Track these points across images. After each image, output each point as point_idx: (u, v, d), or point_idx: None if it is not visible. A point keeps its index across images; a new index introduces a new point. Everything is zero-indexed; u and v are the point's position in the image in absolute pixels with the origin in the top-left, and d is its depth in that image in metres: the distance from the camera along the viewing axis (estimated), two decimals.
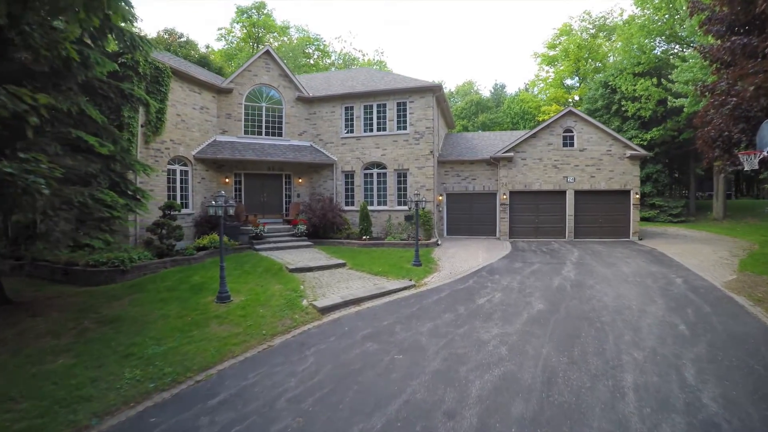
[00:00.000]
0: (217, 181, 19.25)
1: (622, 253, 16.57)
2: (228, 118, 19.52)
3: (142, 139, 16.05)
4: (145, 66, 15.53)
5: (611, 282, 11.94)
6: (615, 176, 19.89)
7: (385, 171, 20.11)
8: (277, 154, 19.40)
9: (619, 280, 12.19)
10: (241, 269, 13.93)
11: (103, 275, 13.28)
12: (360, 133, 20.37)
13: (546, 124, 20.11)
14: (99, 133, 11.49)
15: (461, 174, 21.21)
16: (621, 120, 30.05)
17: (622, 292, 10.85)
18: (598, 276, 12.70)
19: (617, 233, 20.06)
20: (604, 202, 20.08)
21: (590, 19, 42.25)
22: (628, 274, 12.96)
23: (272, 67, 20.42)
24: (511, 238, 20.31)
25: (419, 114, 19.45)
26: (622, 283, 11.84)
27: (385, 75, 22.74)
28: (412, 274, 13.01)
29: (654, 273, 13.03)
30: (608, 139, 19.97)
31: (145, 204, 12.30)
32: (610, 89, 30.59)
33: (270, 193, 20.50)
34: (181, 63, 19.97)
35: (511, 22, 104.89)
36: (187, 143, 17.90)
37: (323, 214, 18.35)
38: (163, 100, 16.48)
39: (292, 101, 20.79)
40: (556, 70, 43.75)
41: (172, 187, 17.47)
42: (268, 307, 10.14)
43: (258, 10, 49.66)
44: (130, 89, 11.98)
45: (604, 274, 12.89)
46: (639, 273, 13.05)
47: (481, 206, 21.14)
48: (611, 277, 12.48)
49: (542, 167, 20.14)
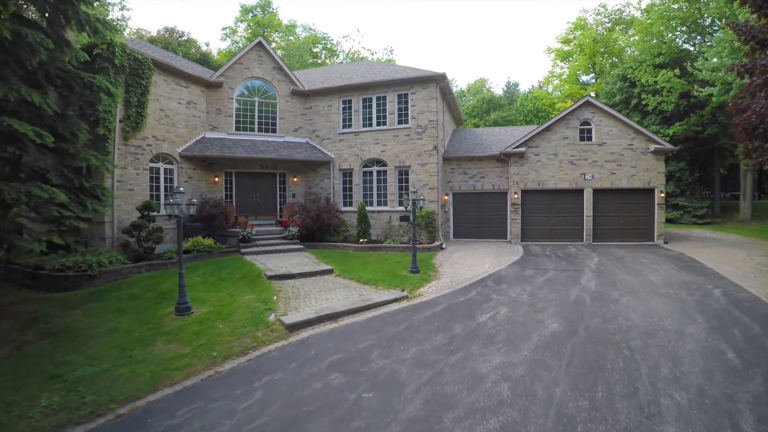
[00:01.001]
0: (206, 180, 17.79)
1: (647, 258, 14.53)
2: (218, 114, 18.06)
3: (121, 135, 14.69)
4: (123, 57, 14.17)
5: (639, 294, 10.00)
6: (638, 173, 17.78)
7: (385, 168, 18.38)
8: (270, 152, 17.85)
9: (647, 291, 10.25)
10: (218, 275, 12.38)
11: (69, 281, 12.02)
12: (358, 128, 18.70)
13: (561, 116, 18.12)
14: (55, 125, 10.13)
15: (468, 171, 19.33)
16: (641, 115, 27.74)
17: (652, 307, 8.93)
18: (622, 286, 10.76)
19: (640, 236, 17.95)
20: (626, 201, 17.99)
21: (606, 12, 39.99)
22: (657, 283, 10.99)
23: (265, 60, 18.91)
24: (524, 241, 18.34)
25: (421, 106, 17.67)
26: (651, 295, 9.90)
27: (385, 67, 21.05)
28: (406, 282, 11.25)
29: (687, 282, 11.06)
30: (630, 132, 17.88)
31: (104, 202, 10.82)
32: (629, 82, 28.33)
33: (263, 193, 18.96)
34: (167, 55, 18.62)
35: (523, 18, 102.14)
36: (172, 140, 16.47)
37: (317, 216, 16.71)
38: (144, 93, 15.11)
39: (287, 95, 19.23)
40: (571, 65, 41.42)
41: (156, 186, 16.07)
42: (229, 322, 8.56)
43: (263, 8, 48.57)
44: (91, 77, 10.54)
45: (629, 284, 10.95)
46: (670, 282, 11.09)
47: (491, 206, 19.21)
48: (638, 288, 10.54)
49: (557, 163, 18.14)
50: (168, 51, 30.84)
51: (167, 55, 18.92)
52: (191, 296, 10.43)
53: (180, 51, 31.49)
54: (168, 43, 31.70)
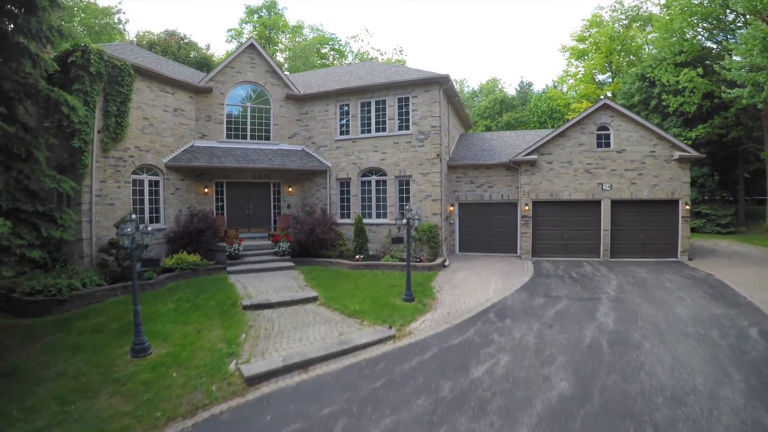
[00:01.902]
0: (195, 191, 16.76)
1: (672, 282, 12.97)
2: (208, 121, 16.99)
3: (99, 146, 13.73)
4: (100, 64, 13.16)
5: (664, 336, 8.56)
6: (660, 183, 16.14)
7: (384, 178, 17.07)
8: (262, 161, 16.71)
9: (674, 331, 8.80)
10: (193, 302, 11.31)
11: (38, 306, 11.14)
12: (356, 135, 17.43)
13: (576, 120, 16.54)
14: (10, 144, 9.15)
15: (476, 180, 17.89)
16: (661, 117, 25.83)
17: (680, 357, 7.53)
18: (645, 323, 9.33)
19: (662, 251, 16.36)
20: (647, 213, 16.38)
21: (622, 8, 38.05)
22: (685, 319, 9.54)
23: (258, 63, 17.76)
24: (535, 256, 16.85)
25: (424, 111, 16.30)
26: (679, 337, 8.46)
27: (387, 68, 19.68)
28: (397, 315, 9.97)
29: (718, 318, 9.61)
30: (652, 138, 16.23)
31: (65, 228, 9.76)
32: (648, 82, 26.42)
33: (256, 204, 17.86)
34: (153, 60, 17.61)
35: (537, 16, 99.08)
36: (158, 150, 15.47)
37: (311, 230, 15.51)
38: (125, 102, 14.11)
39: (281, 100, 18.07)
40: (587, 64, 39.49)
41: (139, 199, 15.08)
42: (185, 369, 7.45)
43: (269, 9, 47.62)
44: (49, 90, 9.48)
45: (653, 320, 9.50)
46: (699, 318, 9.64)
47: (500, 218, 17.76)
48: (663, 326, 9.09)
49: (572, 172, 16.58)
50: (163, 55, 30.18)
51: (154, 59, 17.91)
52: (156, 329, 9.45)
53: (180, 54, 30.72)
54: (167, 46, 30.97)
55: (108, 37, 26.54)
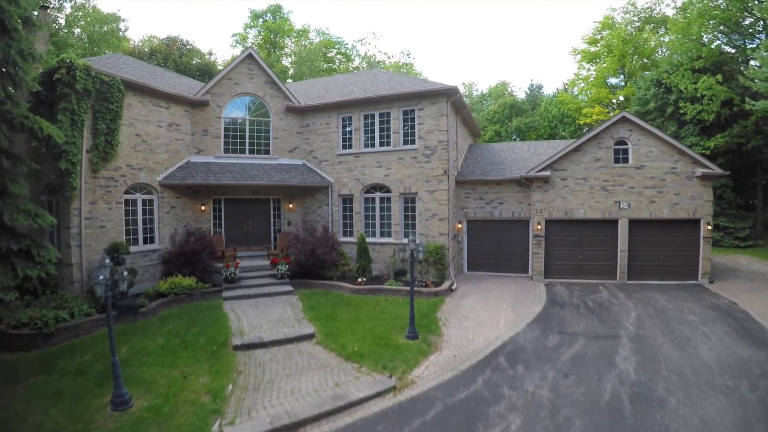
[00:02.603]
0: (192, 208, 16.25)
1: (693, 313, 12.26)
2: (204, 136, 16.45)
3: (89, 167, 13.26)
4: (87, 81, 12.66)
5: (690, 389, 7.91)
6: (681, 201, 15.34)
7: (389, 195, 16.42)
8: (261, 177, 16.15)
9: (701, 383, 8.16)
10: (183, 337, 10.79)
11: (24, 339, 10.78)
12: (359, 149, 16.77)
13: (593, 134, 15.73)
14: None
15: (485, 197, 17.16)
16: (678, 124, 24.81)
17: (708, 417, 6.91)
18: (669, 370, 8.69)
19: (682, 274, 15.65)
20: (667, 233, 15.63)
21: (635, 10, 37.08)
22: (711, 365, 8.92)
23: (257, 74, 17.17)
24: (547, 277, 16.12)
25: (430, 124, 15.61)
26: (706, 391, 7.83)
27: (392, 77, 18.96)
28: (399, 358, 9.36)
29: (746, 362, 9.04)
30: (673, 153, 15.41)
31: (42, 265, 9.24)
32: (664, 88, 25.38)
33: (256, 221, 17.33)
34: (147, 72, 17.09)
35: (547, 18, 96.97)
36: (151, 168, 14.97)
37: (311, 251, 14.93)
38: (115, 119, 13.62)
39: (281, 112, 17.47)
40: (598, 67, 38.62)
41: (132, 220, 14.60)
42: (164, 428, 6.87)
43: (274, 13, 47.32)
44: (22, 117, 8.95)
45: (678, 367, 8.84)
46: (726, 362, 9.03)
47: (510, 236, 17.03)
48: (689, 375, 8.45)
49: (587, 189, 15.79)
50: (164, 63, 29.83)
51: (149, 71, 17.38)
52: (141, 373, 8.99)
53: (182, 61, 30.37)
54: (169, 53, 30.59)
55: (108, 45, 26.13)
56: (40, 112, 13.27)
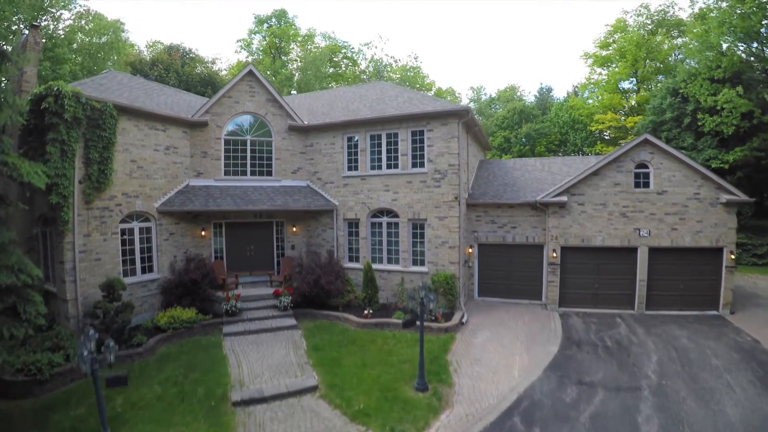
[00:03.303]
0: (192, 234, 15.85)
1: (716, 356, 11.86)
2: (204, 158, 15.97)
3: (82, 198, 12.86)
4: (77, 108, 12.17)
5: None
6: (704, 229, 14.77)
7: (396, 220, 15.90)
8: (263, 201, 15.68)
9: None
10: (181, 385, 10.56)
11: (18, 386, 10.59)
12: (365, 171, 16.23)
13: (612, 157, 15.07)
14: None
15: (497, 220, 16.61)
16: (695, 136, 23.96)
17: None
18: None
19: (702, 303, 15.15)
20: (688, 262, 15.10)
21: (648, 13, 36.24)
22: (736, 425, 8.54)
23: (258, 91, 16.60)
24: (562, 306, 15.62)
25: (440, 147, 15.02)
26: None
27: (399, 92, 18.25)
28: (408, 417, 9.01)
29: None
30: (696, 179, 14.79)
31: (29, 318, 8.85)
32: (681, 98, 24.48)
33: (258, 245, 16.91)
34: (144, 90, 16.62)
35: (557, 21, 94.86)
36: (148, 194, 14.54)
37: (315, 281, 14.51)
38: (108, 147, 13.17)
39: (284, 132, 16.92)
40: (611, 72, 37.96)
41: (129, 250, 14.23)
42: None
43: (279, 18, 46.86)
44: None
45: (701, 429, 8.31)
46: (752, 423, 8.55)
47: (523, 261, 16.51)
48: None
49: (606, 216, 15.20)
50: (166, 73, 29.33)
51: (146, 89, 16.83)
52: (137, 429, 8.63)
53: (184, 71, 30.04)
54: (170, 64, 30.19)
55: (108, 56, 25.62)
56: (29, 141, 12.91)
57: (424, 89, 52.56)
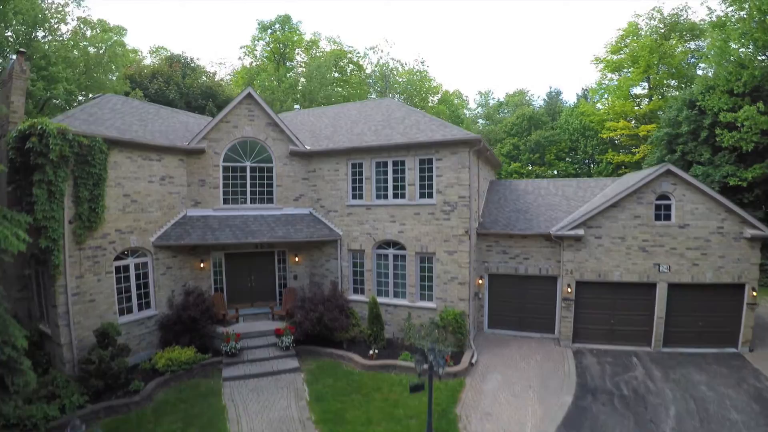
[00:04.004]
0: (191, 266, 15.44)
1: (735, 406, 11.49)
2: (201, 186, 15.44)
3: (73, 239, 12.42)
4: (63, 146, 11.61)
5: None
6: (726, 264, 14.26)
7: (403, 253, 15.38)
8: (264, 232, 15.19)
9: None
10: None
11: None
12: (371, 201, 15.66)
13: (633, 188, 14.41)
14: None
15: (509, 251, 16.06)
16: (712, 150, 23.08)
17: None
18: None
19: (720, 340, 14.70)
20: (708, 298, 14.61)
21: (661, 16, 35.25)
22: None
23: (257, 115, 15.95)
24: (576, 341, 15.18)
25: (450, 177, 14.40)
26: None
27: (407, 113, 17.41)
28: None
29: None
30: (720, 212, 14.20)
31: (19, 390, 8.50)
32: (698, 110, 23.55)
33: (259, 276, 16.49)
34: (138, 114, 16.00)
35: (567, 23, 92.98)
36: (143, 228, 14.08)
37: (318, 319, 14.12)
38: (98, 183, 12.69)
39: (285, 157, 16.31)
40: (622, 78, 37.16)
41: (125, 287, 13.84)
42: None
43: (283, 24, 46.07)
44: None
45: None
46: None
47: (536, 293, 16.04)
48: None
49: (624, 250, 14.64)
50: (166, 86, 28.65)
51: (140, 113, 16.14)
52: None
53: (185, 83, 29.42)
54: (170, 75, 29.52)
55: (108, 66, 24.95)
56: (16, 180, 12.38)
57: (430, 93, 51.99)
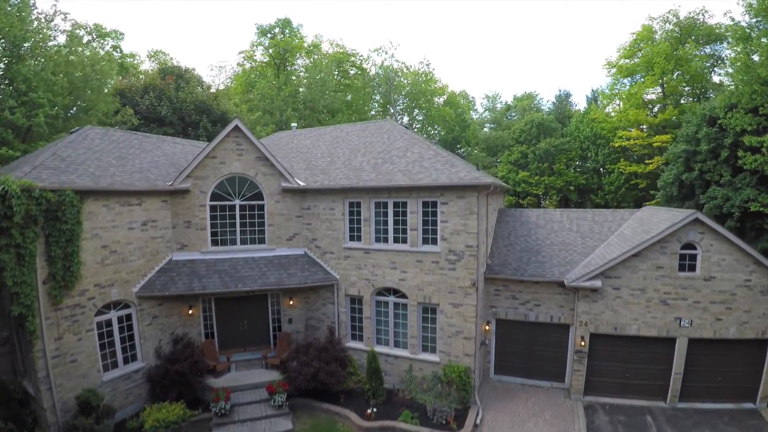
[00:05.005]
0: (178, 312, 14.74)
1: None
2: (187, 228, 14.53)
3: (48, 300, 11.68)
4: (29, 205, 10.75)
5: None
6: (751, 319, 13.48)
7: (405, 301, 14.58)
8: (255, 278, 14.37)
9: None
10: None
11: None
12: (369, 244, 14.74)
13: (657, 238, 13.41)
14: None
15: (519, 296, 15.23)
16: (732, 171, 21.69)
17: None
18: None
19: (738, 394, 14.05)
20: (728, 353, 13.88)
21: (677, 20, 33.41)
22: None
23: (246, 149, 14.85)
24: (587, 394, 14.56)
25: (456, 224, 13.43)
26: None
27: (410, 143, 15.95)
28: None
29: None
30: (748, 263, 13.33)
31: None
32: (718, 127, 22.14)
33: (252, 320, 15.77)
34: (118, 149, 14.91)
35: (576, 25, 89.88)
36: (125, 279, 13.30)
37: (313, 375, 13.47)
38: (72, 239, 11.85)
39: (277, 194, 15.30)
40: (636, 85, 35.38)
41: (108, 342, 13.16)
42: None
43: (283, 28, 44.08)
44: None
45: None
46: None
47: (547, 340, 15.30)
48: None
49: (644, 302, 13.79)
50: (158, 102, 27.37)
51: (121, 146, 14.98)
52: None
53: (179, 96, 28.16)
54: (163, 89, 28.18)
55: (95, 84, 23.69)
56: None
57: (436, 94, 50.32)
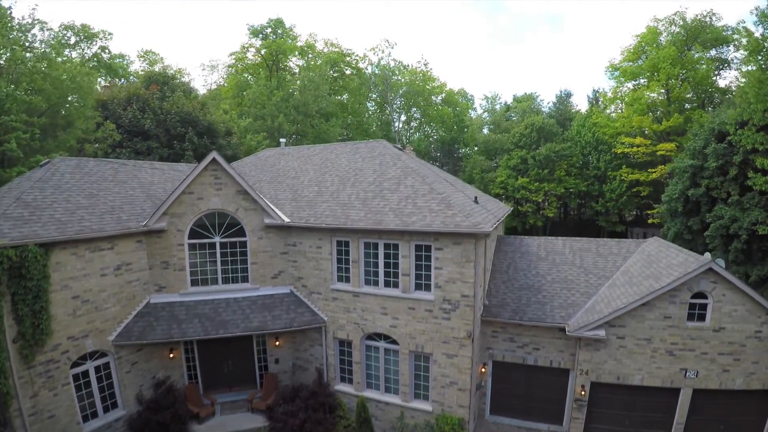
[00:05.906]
0: (159, 356, 14.33)
1: None
2: (165, 269, 13.96)
3: (19, 359, 11.28)
4: None
5: None
6: (759, 371, 12.91)
7: (396, 348, 14.08)
8: (238, 321, 13.86)
9: None
10: None
11: None
12: (358, 287, 14.12)
13: (667, 287, 12.72)
14: None
15: (517, 339, 14.67)
16: (740, 190, 20.86)
17: None
18: None
19: None
20: (734, 403, 13.38)
21: (683, 23, 32.29)
22: None
23: (225, 183, 14.09)
24: None
25: (451, 272, 12.79)
26: None
27: (403, 173, 14.83)
28: None
29: None
30: (761, 314, 12.71)
31: None
32: (727, 143, 21.12)
33: (237, 360, 15.42)
34: (90, 185, 14.26)
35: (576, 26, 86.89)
36: (99, 329, 12.86)
37: (301, 425, 13.10)
38: (39, 295, 11.39)
39: (260, 230, 14.61)
40: (640, 90, 34.26)
41: (87, 393, 12.83)
42: None
43: (275, 28, 42.60)
44: None
45: None
46: None
47: (545, 383, 14.82)
48: None
49: (649, 352, 13.23)
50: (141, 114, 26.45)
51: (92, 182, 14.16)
52: None
53: (164, 107, 26.99)
54: (147, 99, 27.05)
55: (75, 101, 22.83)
56: None
57: (434, 93, 49.07)
